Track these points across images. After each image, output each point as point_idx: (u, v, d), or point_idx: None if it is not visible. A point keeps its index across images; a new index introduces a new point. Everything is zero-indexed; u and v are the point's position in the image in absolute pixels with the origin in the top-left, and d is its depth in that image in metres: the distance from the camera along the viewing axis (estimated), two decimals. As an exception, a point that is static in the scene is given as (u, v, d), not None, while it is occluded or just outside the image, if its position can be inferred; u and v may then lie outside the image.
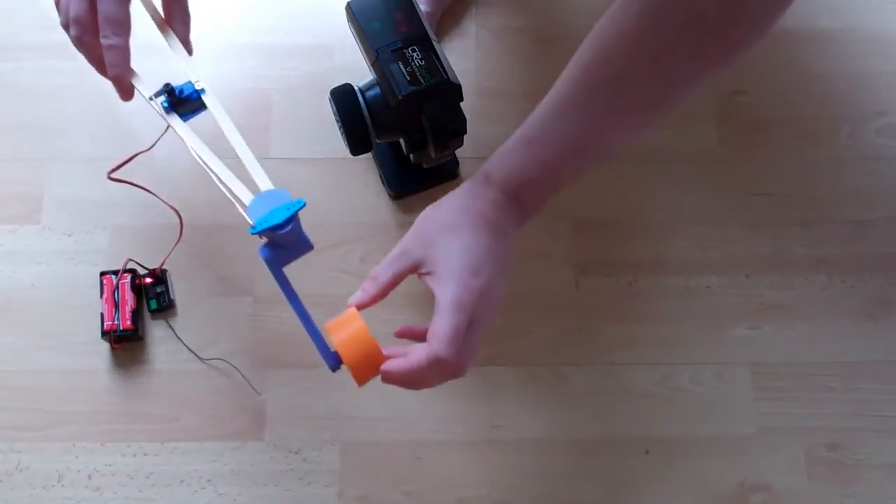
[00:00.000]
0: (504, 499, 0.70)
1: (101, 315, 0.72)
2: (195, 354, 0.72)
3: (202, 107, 0.59)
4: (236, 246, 0.77)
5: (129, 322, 0.71)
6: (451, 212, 0.54)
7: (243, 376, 0.71)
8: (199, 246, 0.75)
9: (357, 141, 0.68)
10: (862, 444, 0.71)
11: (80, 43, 0.57)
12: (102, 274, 0.73)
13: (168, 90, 0.59)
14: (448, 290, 0.50)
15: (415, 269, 0.53)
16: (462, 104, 0.66)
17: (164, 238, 0.73)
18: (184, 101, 0.59)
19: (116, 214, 0.77)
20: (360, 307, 0.53)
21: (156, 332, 0.74)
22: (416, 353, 0.49)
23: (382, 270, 0.54)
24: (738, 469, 0.71)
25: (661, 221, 0.78)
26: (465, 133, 0.67)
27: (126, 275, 0.73)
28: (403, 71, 0.64)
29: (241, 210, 0.53)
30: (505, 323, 0.74)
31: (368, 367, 0.51)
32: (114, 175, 0.64)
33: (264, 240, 0.53)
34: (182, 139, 0.57)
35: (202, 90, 0.59)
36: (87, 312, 0.74)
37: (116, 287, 0.72)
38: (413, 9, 0.66)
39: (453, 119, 0.66)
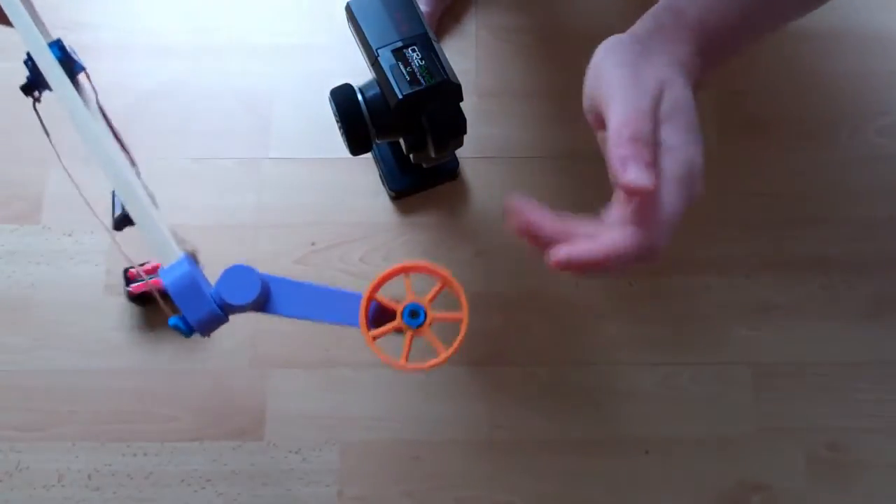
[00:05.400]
0: (504, 499, 0.70)
1: (125, 272, 0.72)
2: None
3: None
4: (236, 246, 0.77)
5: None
6: (669, 66, 0.43)
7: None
8: (199, 246, 0.76)
9: (357, 141, 0.68)
10: (862, 444, 0.71)
11: None
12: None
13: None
14: (681, 157, 0.40)
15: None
16: (462, 104, 0.66)
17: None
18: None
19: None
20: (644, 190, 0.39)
21: (156, 331, 0.74)
22: (617, 238, 0.39)
23: (643, 127, 0.40)
24: (738, 469, 0.71)
25: (661, 221, 0.78)
26: (465, 133, 0.67)
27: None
28: (403, 71, 0.64)
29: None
30: (505, 323, 0.74)
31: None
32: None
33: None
34: None
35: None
36: (87, 312, 0.74)
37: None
38: (413, 9, 0.66)
39: (453, 119, 0.66)
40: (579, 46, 0.86)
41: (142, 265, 0.70)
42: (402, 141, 0.70)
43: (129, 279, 0.72)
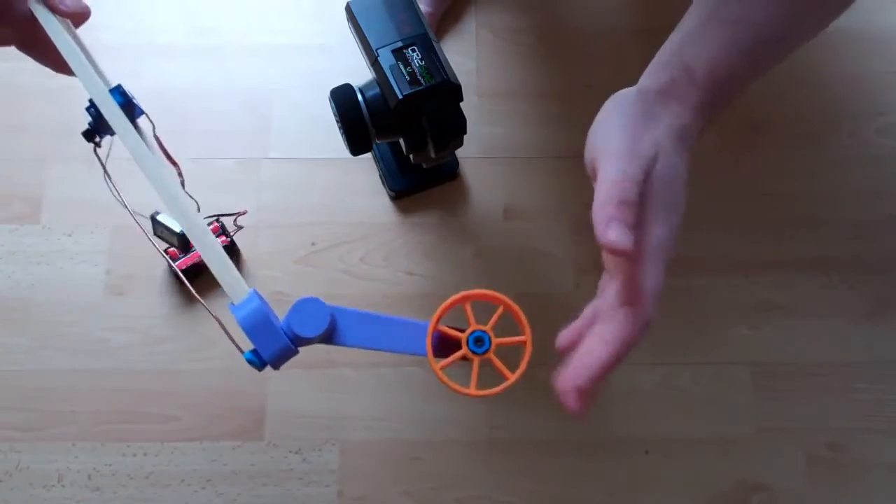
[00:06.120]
0: (503, 499, 0.70)
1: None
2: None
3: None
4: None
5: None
6: (667, 135, 0.45)
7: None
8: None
9: (357, 141, 0.68)
10: (862, 444, 0.71)
11: None
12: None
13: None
14: (659, 230, 0.42)
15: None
16: (462, 104, 0.66)
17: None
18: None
19: (116, 214, 0.76)
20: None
21: (157, 332, 0.74)
22: (618, 331, 0.42)
23: (630, 192, 0.41)
24: (738, 469, 0.71)
25: (661, 221, 0.78)
26: (465, 133, 0.67)
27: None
28: (403, 71, 0.64)
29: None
30: (505, 323, 0.74)
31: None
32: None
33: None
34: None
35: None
36: (87, 312, 0.74)
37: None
38: (413, 9, 0.66)
39: (453, 119, 0.66)
40: (580, 46, 0.87)
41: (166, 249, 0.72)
42: (402, 141, 0.70)
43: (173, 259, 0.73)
